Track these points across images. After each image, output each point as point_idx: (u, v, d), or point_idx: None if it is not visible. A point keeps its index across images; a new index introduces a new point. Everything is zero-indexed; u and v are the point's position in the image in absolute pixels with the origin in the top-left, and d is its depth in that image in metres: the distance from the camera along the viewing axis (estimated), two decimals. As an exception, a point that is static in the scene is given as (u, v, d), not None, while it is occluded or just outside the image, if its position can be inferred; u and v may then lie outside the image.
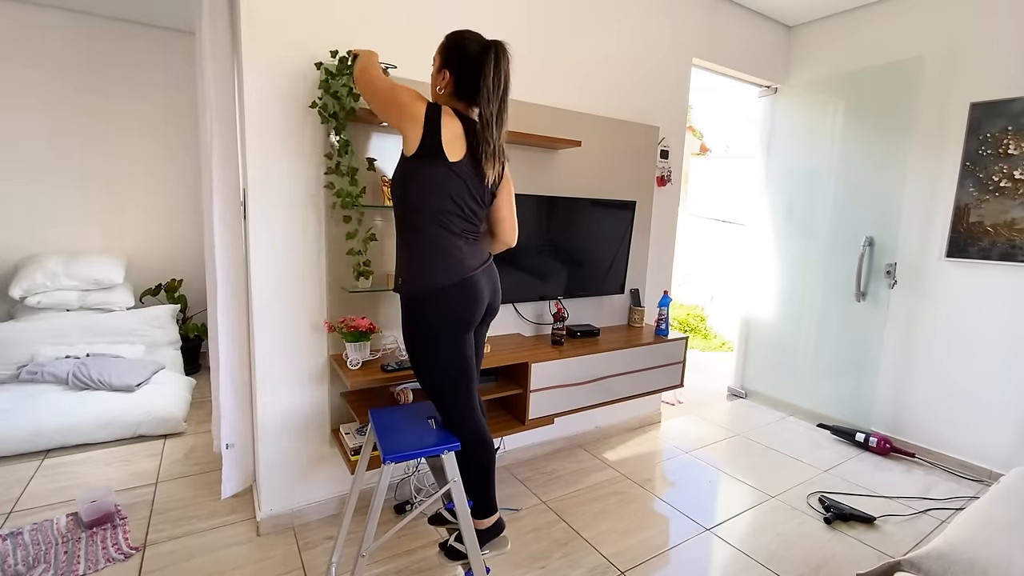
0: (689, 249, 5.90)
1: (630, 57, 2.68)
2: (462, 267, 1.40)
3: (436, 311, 1.39)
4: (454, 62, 1.41)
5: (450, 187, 1.38)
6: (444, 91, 1.43)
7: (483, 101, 1.40)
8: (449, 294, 1.39)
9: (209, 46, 1.85)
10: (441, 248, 1.39)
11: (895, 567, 1.40)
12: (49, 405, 2.61)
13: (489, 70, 1.38)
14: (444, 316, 1.40)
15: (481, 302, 1.45)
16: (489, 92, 1.39)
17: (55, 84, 3.34)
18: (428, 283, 1.38)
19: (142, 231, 3.76)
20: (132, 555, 1.84)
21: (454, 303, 1.40)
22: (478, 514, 1.56)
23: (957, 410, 2.73)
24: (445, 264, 1.38)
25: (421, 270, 1.38)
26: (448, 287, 1.38)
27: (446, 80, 1.42)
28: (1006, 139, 2.51)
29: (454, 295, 1.39)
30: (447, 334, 1.41)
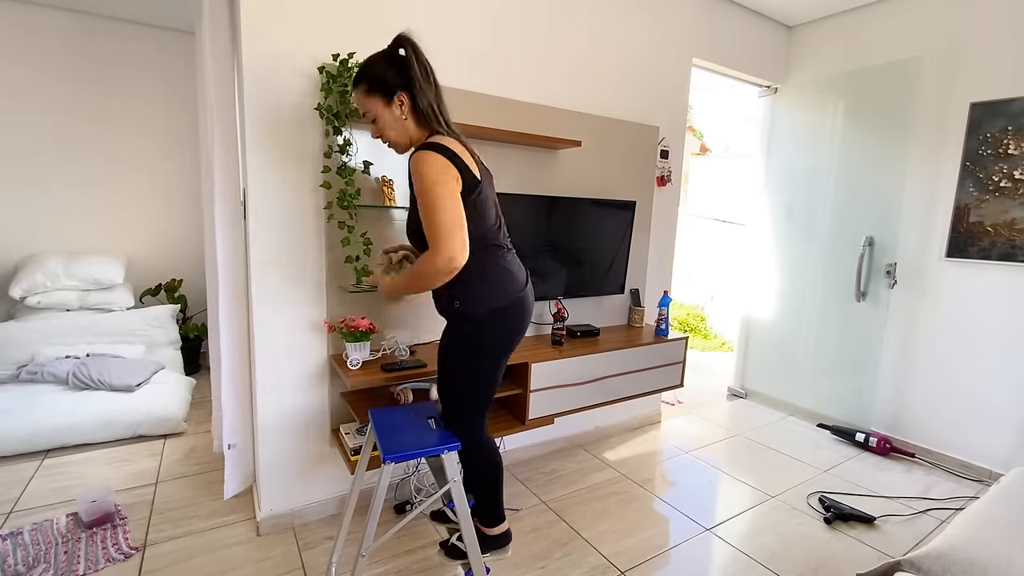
0: (689, 249, 5.90)
1: (630, 57, 2.68)
2: (516, 284, 1.41)
3: (494, 331, 1.40)
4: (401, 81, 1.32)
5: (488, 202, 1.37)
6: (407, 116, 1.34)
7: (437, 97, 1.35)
8: (507, 314, 1.40)
9: (209, 46, 1.85)
10: (498, 267, 1.40)
11: (895, 567, 1.40)
12: (49, 405, 2.61)
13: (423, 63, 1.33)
14: (501, 335, 1.41)
15: (530, 316, 1.48)
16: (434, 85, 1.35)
17: (55, 84, 3.34)
18: (488, 305, 1.37)
19: (142, 231, 3.76)
20: (132, 555, 1.84)
21: (512, 322, 1.41)
22: (488, 523, 1.58)
23: (957, 410, 2.73)
24: (503, 284, 1.39)
25: (479, 292, 1.37)
26: (506, 308, 1.39)
27: (405, 104, 1.33)
28: (1006, 139, 2.51)
29: (511, 315, 1.40)
30: (496, 351, 1.43)
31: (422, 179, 1.23)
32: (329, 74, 1.79)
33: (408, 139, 1.37)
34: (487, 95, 2.22)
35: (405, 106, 1.32)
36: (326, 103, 1.82)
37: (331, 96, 1.81)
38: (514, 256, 1.48)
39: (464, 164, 1.29)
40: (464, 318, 1.39)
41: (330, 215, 1.90)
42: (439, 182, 1.22)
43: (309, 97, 1.83)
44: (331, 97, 1.82)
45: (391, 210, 2.05)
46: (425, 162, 1.23)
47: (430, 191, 1.22)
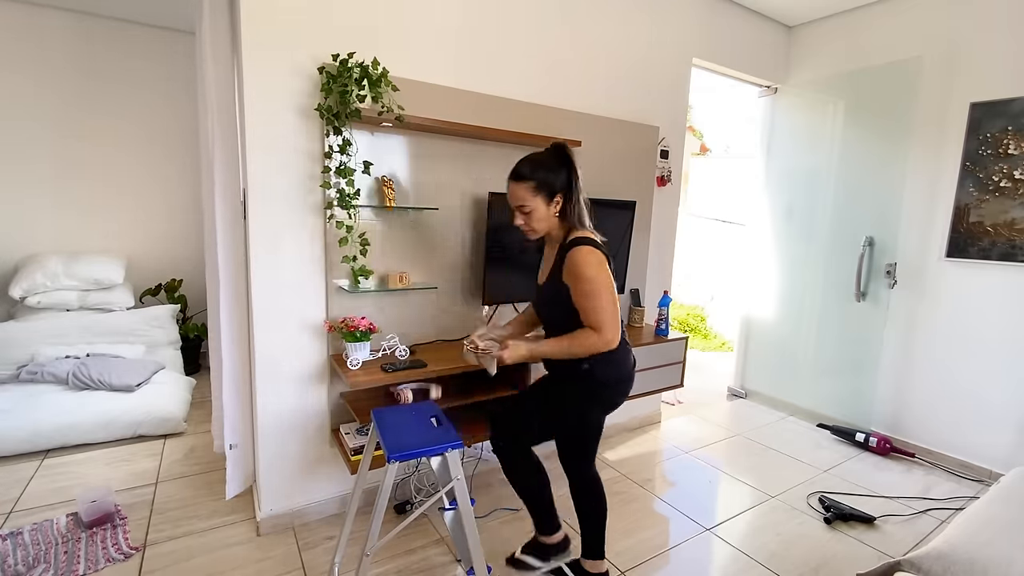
0: (689, 249, 5.90)
1: (630, 57, 2.68)
2: (632, 358, 1.64)
3: (614, 392, 1.62)
4: (564, 185, 1.50)
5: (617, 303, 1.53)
6: (558, 213, 1.52)
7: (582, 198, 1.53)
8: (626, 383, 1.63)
9: (209, 46, 1.85)
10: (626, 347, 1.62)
11: (895, 567, 1.40)
12: (49, 405, 2.61)
13: (574, 170, 1.50)
14: (616, 397, 1.64)
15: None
16: (580, 187, 1.52)
17: (55, 84, 3.34)
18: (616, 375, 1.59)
19: (142, 231, 3.76)
20: (132, 555, 1.84)
21: (627, 387, 1.64)
22: (595, 554, 1.74)
23: (957, 410, 2.73)
24: (625, 360, 1.61)
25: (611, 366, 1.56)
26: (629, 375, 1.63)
27: (559, 204, 1.50)
28: (1006, 139, 2.51)
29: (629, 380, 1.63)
30: (609, 408, 1.66)
31: (590, 270, 1.42)
32: (329, 74, 1.79)
33: (549, 231, 1.54)
34: (487, 95, 2.22)
35: (559, 206, 1.50)
36: (326, 103, 1.82)
37: (331, 96, 1.81)
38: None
39: (609, 257, 1.49)
40: (591, 378, 1.55)
41: (330, 215, 1.90)
42: (604, 275, 1.44)
43: (309, 97, 1.83)
44: (331, 97, 1.81)
45: (390, 210, 2.05)
46: (592, 256, 1.43)
47: (597, 280, 1.42)
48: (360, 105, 1.78)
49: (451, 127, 2.02)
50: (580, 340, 1.46)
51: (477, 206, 2.28)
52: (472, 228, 2.29)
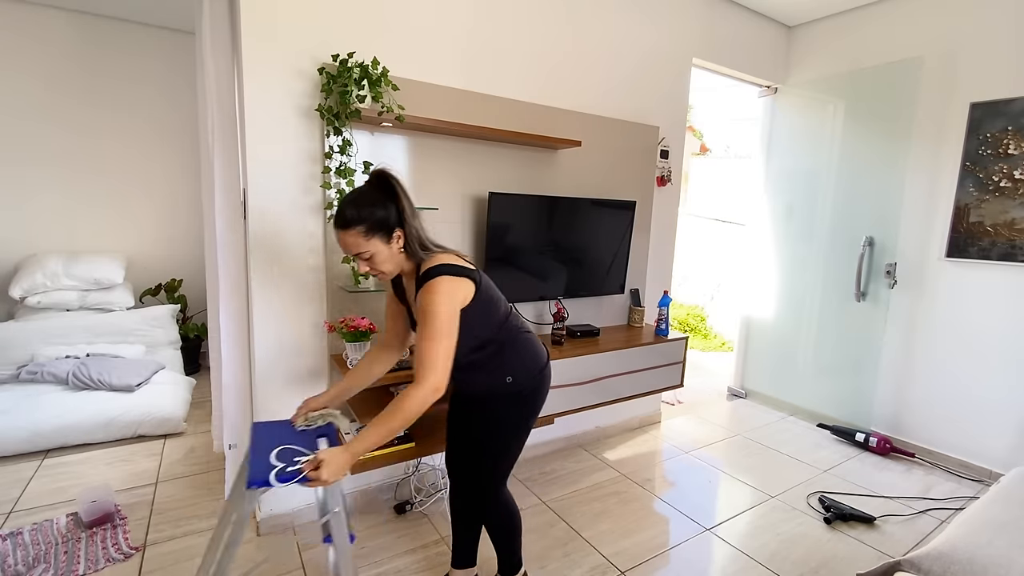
0: (689, 249, 5.90)
1: (630, 57, 2.68)
2: (543, 352, 1.51)
3: (538, 395, 1.47)
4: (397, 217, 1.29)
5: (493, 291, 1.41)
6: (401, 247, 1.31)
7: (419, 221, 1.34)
8: (545, 376, 1.49)
9: (209, 46, 1.85)
10: (528, 339, 1.47)
11: (895, 567, 1.40)
12: (49, 405, 2.61)
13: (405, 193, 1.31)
14: (540, 399, 1.48)
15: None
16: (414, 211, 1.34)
17: (55, 84, 3.34)
18: (531, 370, 1.44)
19: (142, 231, 3.76)
20: (132, 555, 1.84)
21: (547, 384, 1.50)
22: (507, 571, 1.63)
23: (957, 410, 2.73)
24: (536, 351, 1.48)
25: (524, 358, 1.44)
26: (543, 370, 1.48)
27: (401, 239, 1.30)
28: (1006, 139, 2.51)
29: (547, 376, 1.50)
30: (534, 416, 1.50)
31: (435, 307, 1.23)
32: (329, 75, 1.80)
33: (400, 268, 1.36)
34: (487, 95, 2.22)
35: (402, 239, 1.30)
36: (326, 103, 1.82)
37: (331, 96, 1.81)
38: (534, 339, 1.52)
39: (466, 269, 1.30)
40: (510, 393, 1.42)
41: (330, 215, 1.90)
42: (447, 311, 1.23)
43: (309, 98, 1.83)
44: (331, 97, 1.82)
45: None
46: (439, 288, 1.24)
47: (436, 320, 1.22)
48: (360, 105, 1.78)
49: (451, 127, 2.02)
50: (404, 405, 1.20)
51: (477, 206, 2.28)
52: (472, 228, 2.28)
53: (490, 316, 1.38)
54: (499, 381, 1.41)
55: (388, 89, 1.85)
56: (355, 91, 1.76)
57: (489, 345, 1.39)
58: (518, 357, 1.43)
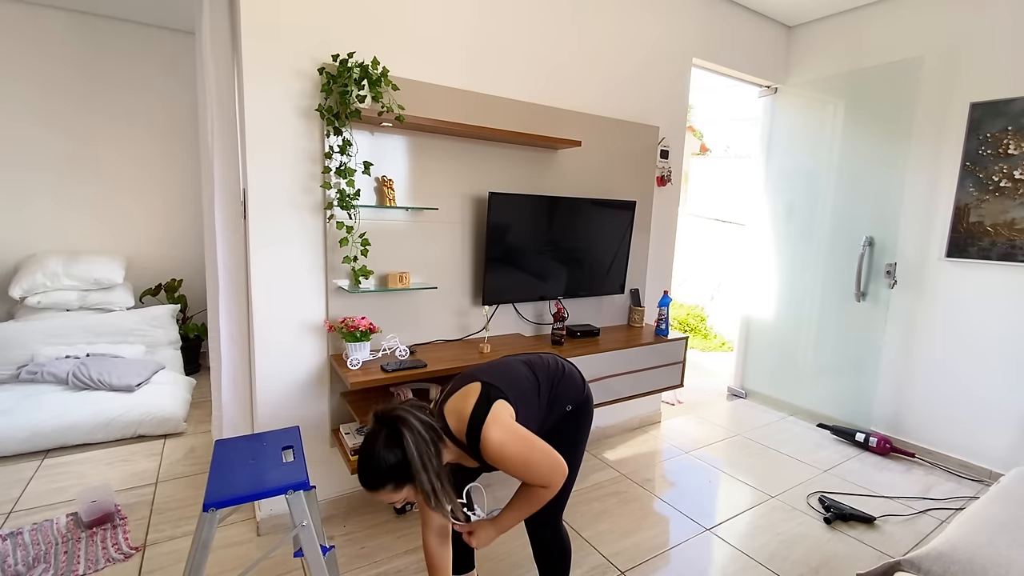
0: (689, 249, 5.91)
1: (630, 57, 2.68)
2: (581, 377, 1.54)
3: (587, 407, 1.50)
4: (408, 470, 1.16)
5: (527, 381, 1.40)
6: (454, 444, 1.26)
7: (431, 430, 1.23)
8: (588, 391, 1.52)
9: (209, 46, 1.84)
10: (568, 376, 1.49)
11: (895, 567, 1.40)
12: (49, 405, 2.61)
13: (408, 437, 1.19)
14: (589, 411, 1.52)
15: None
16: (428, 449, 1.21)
17: (55, 84, 3.34)
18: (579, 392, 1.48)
19: (142, 231, 3.76)
20: (132, 555, 1.84)
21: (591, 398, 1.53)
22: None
23: (957, 410, 2.73)
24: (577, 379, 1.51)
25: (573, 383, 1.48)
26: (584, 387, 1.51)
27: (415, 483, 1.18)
28: (1006, 139, 2.51)
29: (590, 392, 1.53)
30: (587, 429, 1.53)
31: (506, 449, 1.19)
32: (329, 75, 1.80)
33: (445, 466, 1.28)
34: (487, 95, 2.22)
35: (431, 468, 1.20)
36: (326, 103, 1.82)
37: (331, 96, 1.81)
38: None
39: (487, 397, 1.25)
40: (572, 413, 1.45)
41: (330, 215, 1.91)
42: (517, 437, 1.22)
43: (309, 98, 1.83)
44: (331, 98, 1.82)
45: (390, 210, 2.05)
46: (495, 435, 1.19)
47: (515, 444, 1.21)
48: (360, 105, 1.78)
49: (451, 127, 2.02)
50: (537, 499, 1.25)
51: (477, 206, 2.28)
52: (472, 228, 2.29)
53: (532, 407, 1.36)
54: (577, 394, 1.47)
55: (388, 89, 1.85)
56: (355, 91, 1.76)
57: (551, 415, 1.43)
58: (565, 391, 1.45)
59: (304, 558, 1.25)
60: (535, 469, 1.22)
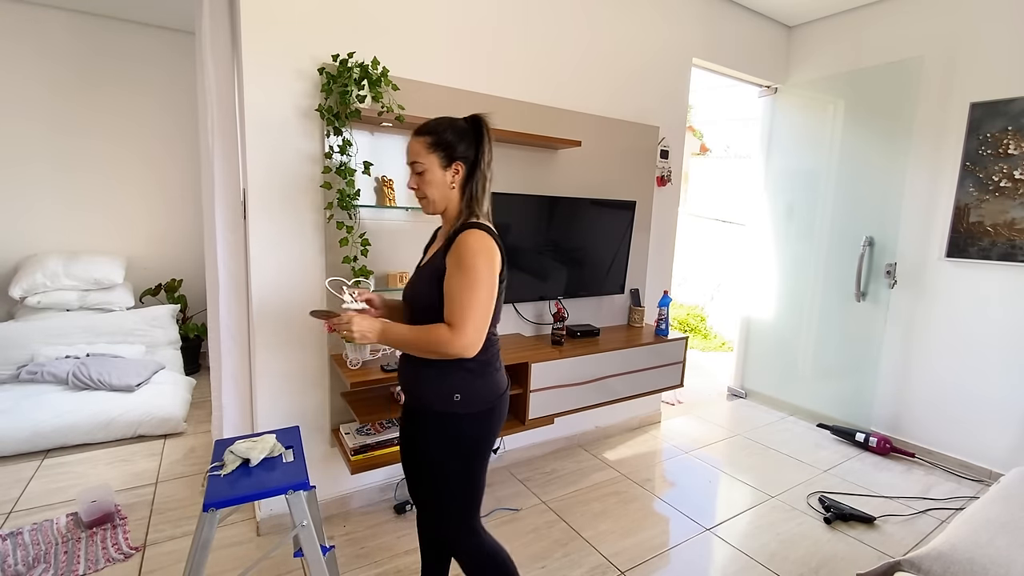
0: (689, 249, 5.91)
1: (630, 57, 2.68)
2: (504, 382, 1.34)
3: (488, 427, 1.29)
4: (466, 154, 1.25)
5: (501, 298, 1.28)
6: (456, 187, 1.26)
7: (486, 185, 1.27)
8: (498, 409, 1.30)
9: (209, 46, 1.84)
10: (496, 361, 1.32)
11: (895, 567, 1.40)
12: (49, 405, 2.61)
13: (490, 150, 1.26)
14: (493, 431, 1.31)
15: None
16: (490, 175, 1.27)
17: (55, 84, 3.34)
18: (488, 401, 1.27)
19: (142, 231, 3.76)
20: (132, 555, 1.84)
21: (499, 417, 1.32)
22: None
23: (957, 410, 2.73)
24: (498, 379, 1.31)
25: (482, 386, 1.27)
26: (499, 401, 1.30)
27: (460, 175, 1.25)
28: (1006, 139, 2.51)
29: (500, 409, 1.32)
30: (488, 448, 1.32)
31: (473, 257, 1.16)
32: (329, 75, 1.80)
33: (445, 206, 1.28)
34: (487, 95, 2.22)
35: (459, 176, 1.25)
36: (326, 104, 1.82)
37: (331, 97, 1.81)
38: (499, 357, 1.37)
39: (504, 256, 1.24)
40: (457, 415, 1.24)
41: (330, 215, 1.91)
42: (487, 268, 1.17)
43: (309, 98, 1.83)
44: (331, 98, 1.82)
45: (390, 210, 2.05)
46: (480, 241, 1.17)
47: (477, 271, 1.15)
48: (360, 105, 1.78)
49: (451, 127, 2.01)
50: (431, 335, 1.16)
51: (477, 206, 2.27)
52: (472, 228, 2.28)
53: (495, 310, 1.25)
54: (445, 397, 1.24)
55: (388, 89, 1.85)
56: (355, 91, 1.76)
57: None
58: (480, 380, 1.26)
59: (304, 558, 1.25)
60: (465, 293, 1.14)
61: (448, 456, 1.27)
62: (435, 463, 1.28)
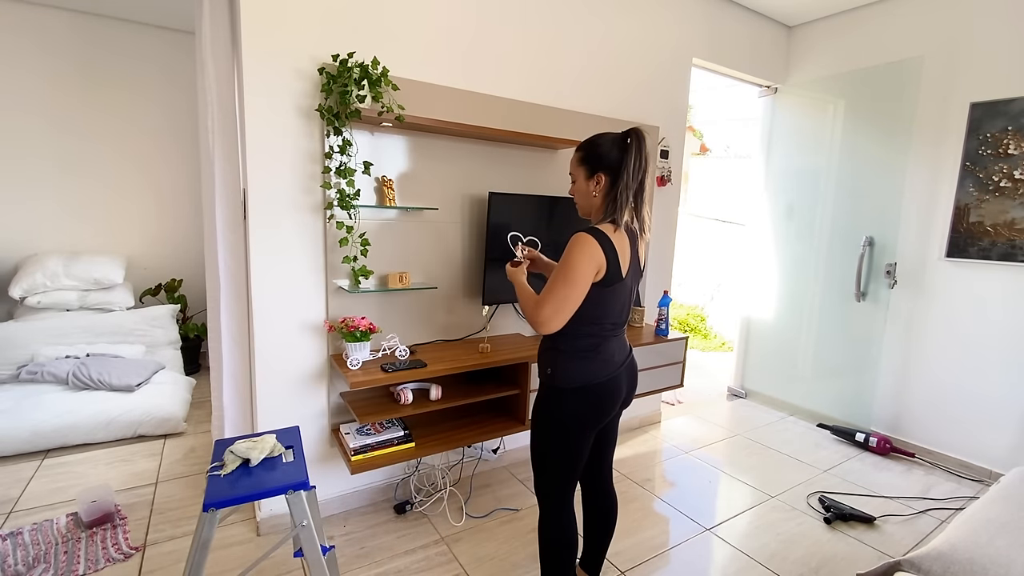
0: (689, 249, 5.90)
1: (630, 57, 2.68)
2: (610, 366, 1.43)
3: (581, 409, 1.41)
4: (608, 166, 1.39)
5: (618, 299, 1.42)
6: (598, 196, 1.42)
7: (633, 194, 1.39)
8: (594, 393, 1.41)
9: (209, 46, 1.84)
10: (598, 349, 1.42)
11: (895, 567, 1.40)
12: (49, 405, 2.61)
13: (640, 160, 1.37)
14: (587, 414, 1.42)
15: (619, 398, 1.47)
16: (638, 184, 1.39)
17: (55, 84, 3.34)
18: (576, 383, 1.40)
19: (142, 231, 3.76)
20: (132, 555, 1.84)
21: (598, 400, 1.42)
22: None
23: (957, 410, 2.73)
24: (596, 366, 1.41)
25: (572, 369, 1.40)
26: (596, 386, 1.41)
27: (601, 185, 1.40)
28: (1006, 139, 2.51)
29: (599, 393, 1.42)
30: (580, 429, 1.42)
31: (570, 255, 1.34)
32: (329, 75, 1.80)
33: (589, 212, 1.48)
34: (487, 95, 2.22)
35: (600, 186, 1.40)
36: (326, 104, 1.82)
37: (331, 97, 1.81)
38: (618, 341, 1.47)
39: (616, 257, 1.36)
40: (553, 388, 1.42)
41: (330, 215, 1.91)
42: (581, 266, 1.32)
43: (309, 98, 1.83)
44: (331, 98, 1.82)
45: (390, 210, 2.06)
46: (580, 244, 1.33)
47: (570, 268, 1.33)
48: (360, 105, 1.78)
49: (451, 127, 2.02)
50: (528, 299, 1.41)
51: (477, 206, 2.28)
52: (472, 228, 2.29)
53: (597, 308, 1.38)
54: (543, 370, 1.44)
55: (388, 89, 1.85)
56: (355, 91, 1.76)
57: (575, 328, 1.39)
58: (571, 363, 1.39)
59: (304, 558, 1.25)
60: (553, 281, 1.35)
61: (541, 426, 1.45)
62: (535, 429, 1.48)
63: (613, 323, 1.43)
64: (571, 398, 1.39)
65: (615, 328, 1.45)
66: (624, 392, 1.47)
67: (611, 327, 1.43)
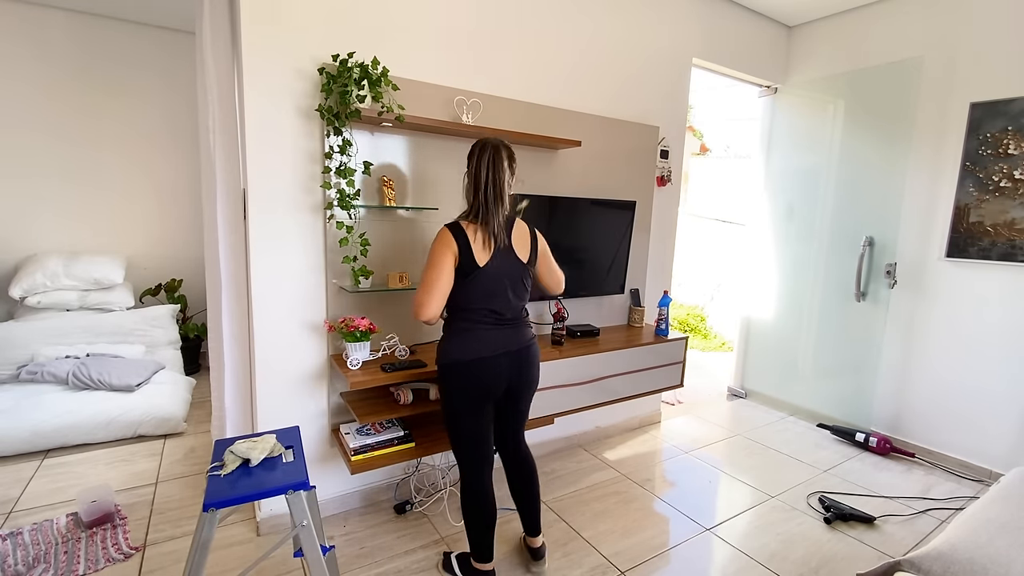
0: (689, 249, 5.90)
1: (630, 57, 2.68)
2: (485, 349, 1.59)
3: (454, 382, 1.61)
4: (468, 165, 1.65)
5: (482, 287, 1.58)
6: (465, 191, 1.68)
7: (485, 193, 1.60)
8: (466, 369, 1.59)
9: (210, 46, 1.84)
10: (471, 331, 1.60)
11: (895, 567, 1.40)
12: (49, 405, 2.61)
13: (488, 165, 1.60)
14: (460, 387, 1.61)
15: (497, 382, 1.62)
16: (482, 182, 1.60)
17: (55, 84, 3.34)
18: (449, 358, 1.60)
19: (142, 231, 3.76)
20: (132, 555, 1.84)
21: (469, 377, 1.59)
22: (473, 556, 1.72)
23: (957, 410, 2.73)
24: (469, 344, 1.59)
25: (448, 345, 1.62)
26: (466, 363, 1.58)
27: (468, 181, 1.65)
28: (1006, 139, 2.51)
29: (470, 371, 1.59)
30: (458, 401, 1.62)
31: (432, 246, 1.57)
32: (329, 75, 1.80)
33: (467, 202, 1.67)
34: (487, 95, 2.22)
35: (467, 182, 1.66)
36: (326, 104, 1.82)
37: (331, 97, 1.81)
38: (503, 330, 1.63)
39: (469, 249, 1.55)
40: (438, 365, 1.64)
41: (330, 215, 1.90)
42: (437, 254, 1.54)
43: (309, 98, 1.83)
44: (331, 98, 1.82)
45: (390, 210, 2.06)
46: (438, 235, 1.58)
47: (430, 255, 1.56)
48: (360, 105, 1.78)
49: (451, 127, 2.02)
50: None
51: (477, 206, 2.27)
52: (472, 228, 2.28)
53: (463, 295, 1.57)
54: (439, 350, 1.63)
55: (388, 89, 1.85)
56: (355, 91, 1.76)
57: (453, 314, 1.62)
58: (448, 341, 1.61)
59: (304, 558, 1.26)
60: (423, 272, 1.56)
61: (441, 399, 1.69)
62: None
63: (492, 311, 1.60)
64: (446, 373, 1.60)
65: (498, 318, 1.61)
66: (507, 379, 1.63)
67: (489, 314, 1.60)
